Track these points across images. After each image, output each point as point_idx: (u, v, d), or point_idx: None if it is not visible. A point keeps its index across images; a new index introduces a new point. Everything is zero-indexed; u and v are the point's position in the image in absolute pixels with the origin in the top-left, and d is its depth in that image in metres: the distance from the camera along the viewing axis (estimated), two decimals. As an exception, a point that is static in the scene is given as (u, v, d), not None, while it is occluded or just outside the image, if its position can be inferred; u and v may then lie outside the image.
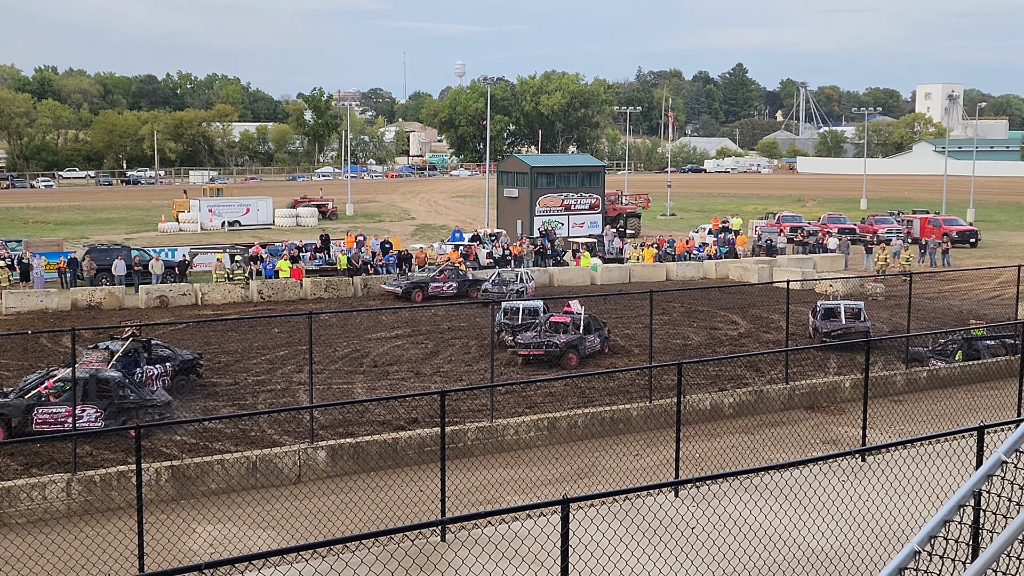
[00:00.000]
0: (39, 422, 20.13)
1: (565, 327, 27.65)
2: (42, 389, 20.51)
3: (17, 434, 19.73)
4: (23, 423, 20.07)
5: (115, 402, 20.35)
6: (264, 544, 14.71)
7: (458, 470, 16.69)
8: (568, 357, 26.38)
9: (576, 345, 26.47)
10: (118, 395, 20.51)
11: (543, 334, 27.10)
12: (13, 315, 35.62)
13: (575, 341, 26.45)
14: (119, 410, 20.24)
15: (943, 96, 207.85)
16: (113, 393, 20.47)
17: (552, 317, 28.26)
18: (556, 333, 27.32)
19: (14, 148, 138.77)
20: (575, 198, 60.04)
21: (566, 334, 27.09)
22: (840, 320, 29.69)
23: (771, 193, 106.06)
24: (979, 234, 60.94)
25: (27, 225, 68.75)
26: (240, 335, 31.57)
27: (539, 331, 27.57)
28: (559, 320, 27.97)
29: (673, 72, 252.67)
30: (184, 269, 43.28)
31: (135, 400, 20.61)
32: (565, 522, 7.90)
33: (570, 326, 27.67)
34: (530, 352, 26.13)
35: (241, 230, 65.93)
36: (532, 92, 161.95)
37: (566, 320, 27.87)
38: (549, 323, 28.00)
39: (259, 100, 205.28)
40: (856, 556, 10.94)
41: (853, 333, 28.81)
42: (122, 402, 20.36)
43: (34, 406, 20.24)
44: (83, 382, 20.41)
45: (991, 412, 21.09)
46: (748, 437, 20.51)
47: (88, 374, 20.64)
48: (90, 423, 20.08)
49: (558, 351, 26.17)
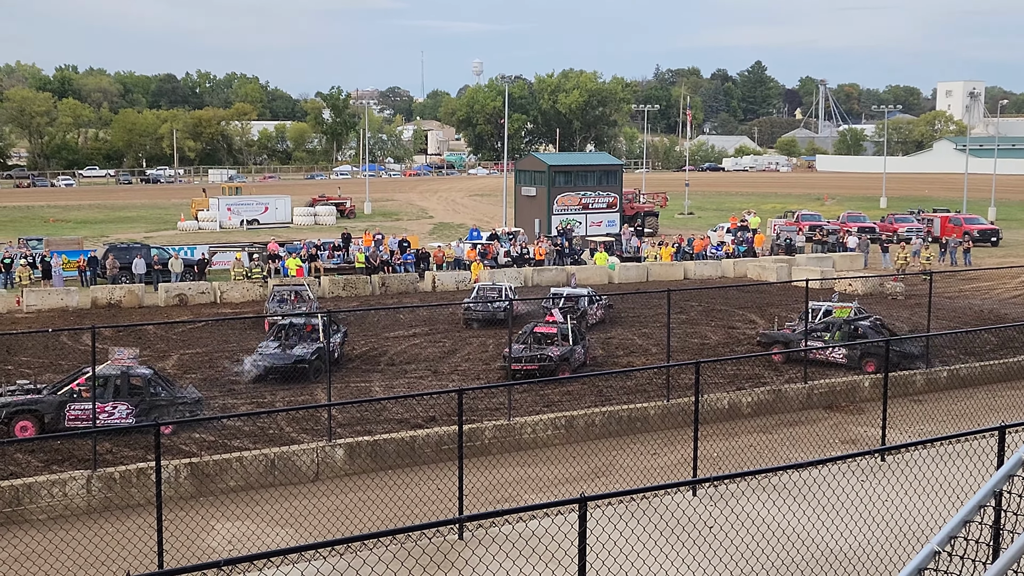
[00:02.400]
0: (71, 418, 20.32)
1: (552, 338, 26.46)
2: (74, 386, 20.68)
3: (50, 430, 19.95)
4: (56, 419, 20.27)
5: (146, 399, 20.51)
6: (282, 541, 14.76)
7: (475, 468, 16.70)
8: (562, 370, 25.27)
9: (567, 358, 25.74)
10: (149, 392, 20.67)
11: (533, 347, 26.03)
12: (34, 313, 35.87)
13: (567, 354, 25.78)
14: (150, 407, 20.40)
15: (964, 93, 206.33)
16: (144, 390, 20.63)
17: (536, 328, 26.98)
18: (545, 345, 26.18)
19: (35, 147, 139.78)
20: (593, 197, 59.95)
21: (556, 346, 26.11)
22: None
23: (790, 191, 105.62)
24: (1000, 233, 60.47)
25: (48, 224, 69.21)
26: (258, 334, 31.66)
27: (528, 344, 26.26)
28: (545, 331, 26.66)
29: (691, 70, 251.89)
30: (203, 267, 43.46)
31: (166, 397, 20.76)
32: (583, 521, 7.90)
33: (557, 337, 26.49)
34: (523, 366, 25.28)
35: (260, 228, 66.17)
36: (550, 90, 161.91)
37: (553, 331, 26.63)
38: (534, 334, 26.62)
39: (278, 99, 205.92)
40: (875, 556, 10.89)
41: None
42: (153, 399, 20.52)
43: (66, 403, 20.41)
44: (115, 379, 20.58)
45: (1012, 412, 20.95)
46: (766, 436, 20.44)
47: (119, 371, 20.79)
48: (121, 419, 20.26)
49: (552, 365, 25.17)
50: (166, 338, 31.19)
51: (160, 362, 27.63)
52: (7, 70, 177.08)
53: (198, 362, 27.75)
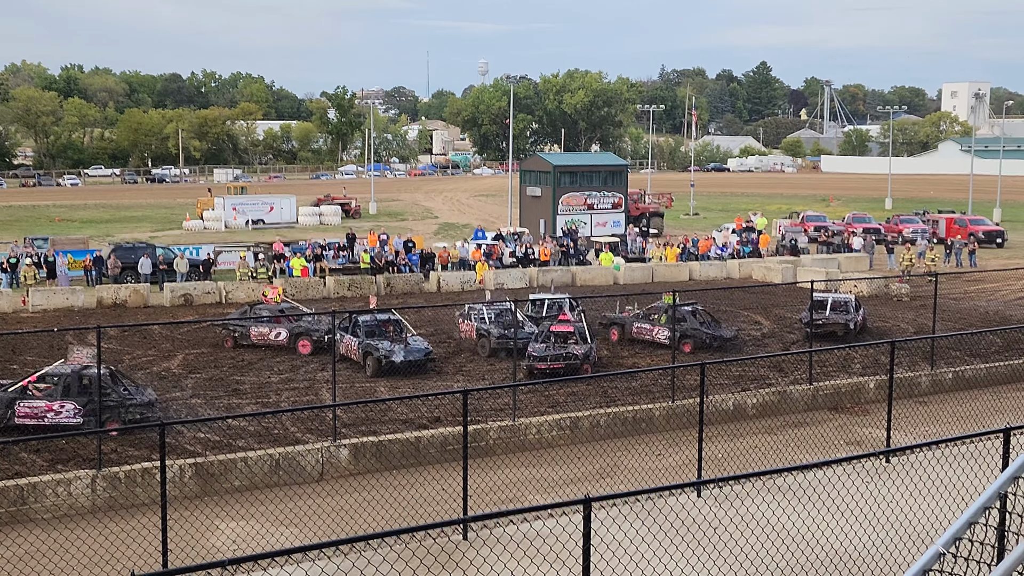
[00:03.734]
0: (21, 415, 20.36)
1: (572, 336, 26.94)
2: (26, 383, 20.71)
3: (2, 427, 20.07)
4: (4, 416, 20.32)
5: (95, 399, 19.97)
6: (286, 541, 14.78)
7: (480, 469, 16.70)
8: (584, 368, 25.71)
9: (588, 355, 26.12)
10: (101, 393, 20.42)
11: (555, 345, 26.51)
12: (40, 313, 35.93)
13: (588, 351, 26.18)
14: (102, 407, 19.98)
15: (969, 94, 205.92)
16: (94, 390, 20.22)
17: (553, 327, 27.40)
18: (565, 343, 26.66)
19: (41, 146, 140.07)
20: (598, 197, 59.91)
21: (577, 344, 26.56)
22: (825, 312, 30.67)
23: (795, 192, 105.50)
24: (1006, 234, 60.37)
25: (53, 223, 69.33)
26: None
27: (550, 342, 26.68)
28: (563, 330, 27.14)
29: (696, 70, 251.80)
30: (208, 267, 43.51)
31: (116, 398, 20.56)
32: (587, 522, 7.89)
33: (576, 335, 26.98)
34: (549, 365, 25.58)
35: (265, 228, 66.23)
36: (555, 91, 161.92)
37: (570, 329, 27.14)
38: (552, 333, 27.03)
39: (283, 99, 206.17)
40: (880, 558, 10.88)
41: (832, 324, 30.29)
42: (104, 400, 20.10)
43: (16, 399, 20.42)
44: (65, 378, 20.58)
45: (1018, 414, 20.92)
46: (771, 438, 20.43)
47: (71, 370, 20.77)
48: (69, 419, 20.28)
49: (578, 363, 25.61)
50: (171, 338, 31.22)
51: (165, 362, 27.68)
52: (12, 69, 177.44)
53: (203, 362, 27.77)
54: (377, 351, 26.17)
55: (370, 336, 26.96)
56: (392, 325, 27.64)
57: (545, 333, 27.18)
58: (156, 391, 22.72)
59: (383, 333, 27.20)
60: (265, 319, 29.41)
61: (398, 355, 25.89)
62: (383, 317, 27.85)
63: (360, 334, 27.08)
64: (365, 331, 27.11)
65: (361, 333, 27.08)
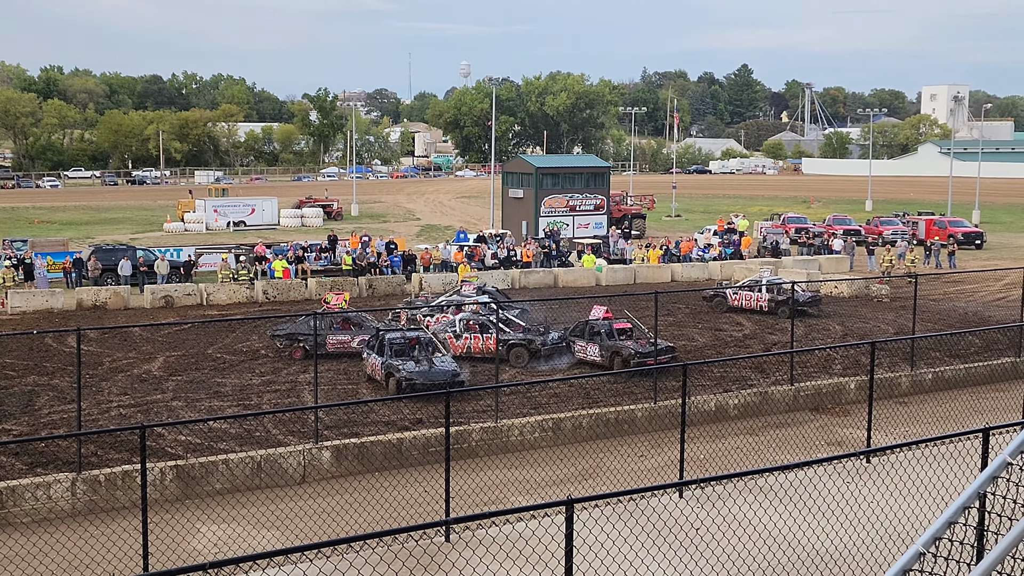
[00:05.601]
0: None
1: (630, 332, 27.72)
2: None
3: None
4: None
5: None
6: (268, 544, 14.72)
7: (463, 471, 16.69)
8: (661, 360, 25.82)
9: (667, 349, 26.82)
10: None
11: (619, 342, 26.91)
12: (19, 315, 35.69)
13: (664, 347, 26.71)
14: None
15: (948, 97, 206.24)
16: None
17: (616, 324, 27.85)
18: (628, 340, 27.26)
19: (20, 148, 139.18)
20: (580, 199, 59.98)
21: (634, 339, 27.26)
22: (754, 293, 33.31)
23: (776, 194, 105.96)
24: (985, 236, 60.80)
25: (33, 225, 68.89)
26: (244, 335, 31.59)
27: (613, 340, 27.04)
28: (623, 327, 27.77)
29: (678, 73, 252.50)
30: (189, 269, 43.32)
31: None
32: (569, 523, 7.90)
33: (633, 331, 27.77)
34: (646, 362, 25.53)
35: (246, 230, 66.01)
36: (537, 93, 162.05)
37: (629, 326, 27.92)
38: (614, 331, 27.39)
39: (264, 100, 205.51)
40: (861, 558, 10.93)
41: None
42: None
43: None
44: None
45: (996, 414, 21.06)
46: (753, 438, 20.49)
47: None
48: None
49: (667, 357, 25.99)
50: (152, 340, 31.06)
51: (146, 364, 27.53)
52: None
53: (184, 364, 27.64)
54: (399, 372, 23.89)
55: (398, 355, 24.73)
56: (421, 344, 25.48)
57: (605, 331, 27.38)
58: (136, 394, 22.62)
59: (410, 351, 25.00)
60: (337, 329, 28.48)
61: (420, 377, 23.63)
62: (412, 335, 25.84)
63: (386, 352, 24.90)
64: (392, 349, 24.93)
65: (387, 351, 24.88)
